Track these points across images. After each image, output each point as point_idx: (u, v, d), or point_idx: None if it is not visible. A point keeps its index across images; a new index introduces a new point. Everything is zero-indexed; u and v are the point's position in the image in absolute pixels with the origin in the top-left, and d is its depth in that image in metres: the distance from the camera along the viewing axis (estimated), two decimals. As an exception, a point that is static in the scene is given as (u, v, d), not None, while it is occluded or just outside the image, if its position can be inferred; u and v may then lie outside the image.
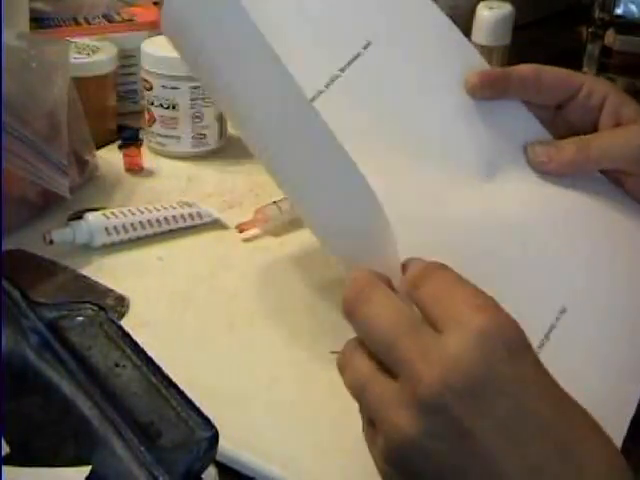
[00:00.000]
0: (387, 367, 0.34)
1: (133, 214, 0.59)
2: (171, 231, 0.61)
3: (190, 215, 0.61)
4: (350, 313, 0.36)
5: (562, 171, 0.54)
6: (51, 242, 0.56)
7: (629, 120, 0.54)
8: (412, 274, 0.37)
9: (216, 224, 0.62)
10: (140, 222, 0.59)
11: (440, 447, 0.32)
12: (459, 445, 0.32)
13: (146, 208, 0.60)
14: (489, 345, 0.32)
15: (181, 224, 0.61)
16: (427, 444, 0.32)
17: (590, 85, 0.55)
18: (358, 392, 0.35)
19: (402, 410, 0.32)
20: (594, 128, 0.55)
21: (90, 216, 0.58)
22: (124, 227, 0.58)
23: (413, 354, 0.33)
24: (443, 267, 0.36)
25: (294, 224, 0.63)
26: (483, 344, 0.32)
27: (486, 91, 0.54)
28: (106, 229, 0.58)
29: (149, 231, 0.60)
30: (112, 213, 0.59)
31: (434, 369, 0.32)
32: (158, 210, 0.60)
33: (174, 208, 0.61)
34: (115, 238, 0.58)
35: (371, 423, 0.35)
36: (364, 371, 0.35)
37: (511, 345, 0.33)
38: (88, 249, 0.58)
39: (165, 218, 0.60)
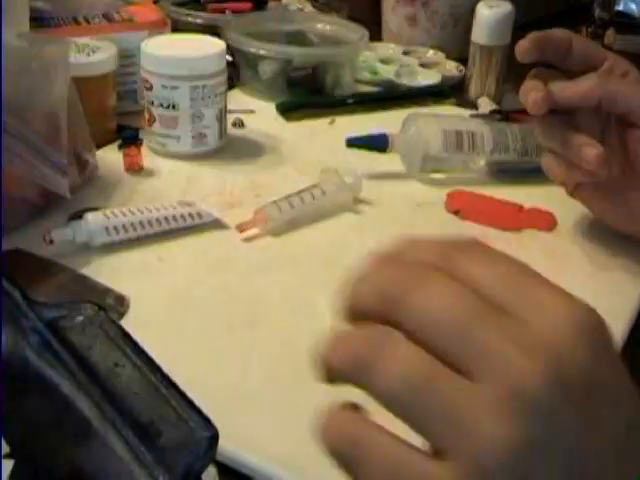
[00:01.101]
0: (455, 364, 0.26)
1: (133, 214, 0.59)
2: (171, 231, 0.61)
3: (190, 215, 0.61)
4: (398, 300, 0.27)
5: (576, 99, 0.55)
6: (51, 242, 0.56)
7: None
8: (439, 249, 0.28)
9: (216, 224, 0.62)
10: (140, 222, 0.59)
11: (546, 456, 0.25)
12: (567, 454, 0.25)
13: (146, 208, 0.60)
14: (590, 335, 0.26)
15: (181, 224, 0.61)
16: (529, 453, 0.24)
17: (613, 60, 0.58)
18: (409, 398, 0.26)
19: (493, 416, 0.24)
20: None
21: (90, 216, 0.58)
22: (124, 227, 0.58)
23: (502, 343, 0.25)
24: (481, 242, 0.30)
25: (294, 224, 0.63)
26: (584, 334, 0.26)
27: (533, 53, 0.56)
28: (106, 229, 0.58)
29: (149, 231, 0.60)
30: (112, 213, 0.59)
31: (536, 360, 0.25)
32: (158, 210, 0.60)
33: (174, 208, 0.61)
34: (115, 238, 0.58)
35: (436, 445, 0.26)
36: (421, 368, 0.26)
37: (607, 337, 0.28)
38: (88, 249, 0.58)
39: (165, 218, 0.60)
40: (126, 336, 0.35)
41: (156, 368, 0.34)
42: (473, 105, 0.90)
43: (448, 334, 0.26)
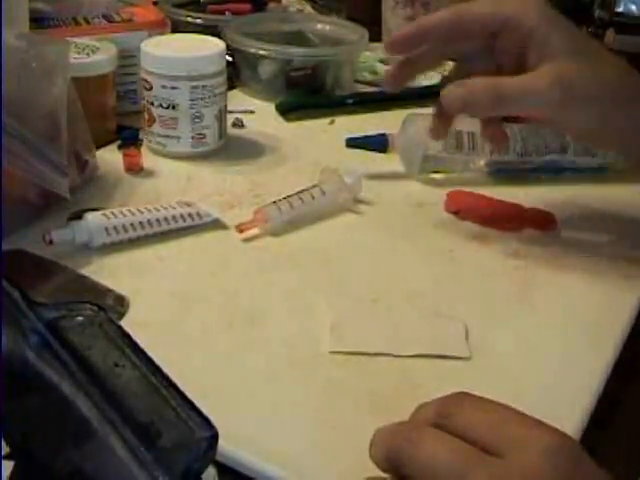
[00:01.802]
0: None
1: (133, 214, 0.59)
2: (171, 231, 0.61)
3: (190, 215, 0.61)
4: (403, 460, 0.35)
5: (477, 116, 0.57)
6: (51, 242, 0.56)
7: (551, 56, 0.53)
8: (437, 410, 0.36)
9: (216, 224, 0.62)
10: (140, 222, 0.59)
11: None
12: None
13: (146, 208, 0.60)
14: (560, 458, 0.32)
15: (181, 224, 0.61)
16: None
17: (517, 17, 0.54)
18: None
19: None
20: (524, 61, 0.55)
21: (90, 216, 0.58)
22: (124, 227, 0.58)
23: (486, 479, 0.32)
24: (464, 395, 0.37)
25: (294, 224, 0.63)
26: (555, 458, 0.32)
27: (404, 47, 0.56)
28: (106, 229, 0.58)
29: (149, 231, 0.60)
30: (112, 213, 0.59)
31: None
32: (158, 210, 0.60)
33: (174, 208, 0.61)
34: (115, 238, 0.58)
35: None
36: None
37: (578, 456, 0.33)
38: (88, 249, 0.58)
39: (165, 218, 0.60)
40: (126, 336, 0.35)
41: (156, 368, 0.34)
42: (473, 105, 0.90)
43: (441, 477, 0.33)
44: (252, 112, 0.84)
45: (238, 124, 0.80)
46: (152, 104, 0.71)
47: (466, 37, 0.57)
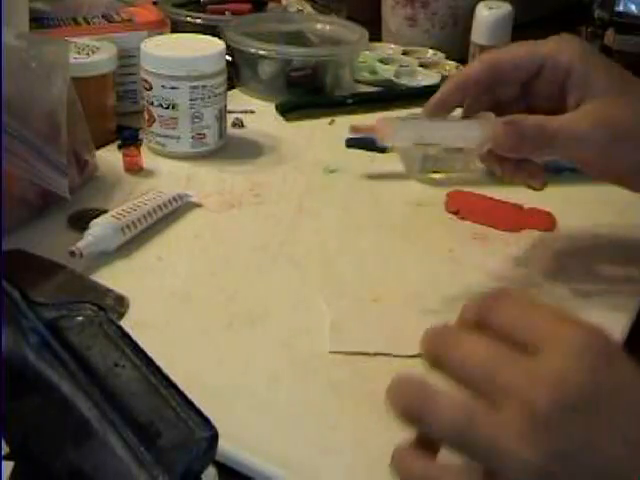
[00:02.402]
0: (488, 401, 0.33)
1: (135, 210, 0.60)
2: (169, 228, 0.61)
3: (174, 199, 0.63)
4: (440, 362, 0.35)
5: (520, 155, 0.53)
6: (81, 255, 0.55)
7: (591, 95, 0.52)
8: (479, 307, 0.36)
9: (216, 224, 0.63)
10: (143, 215, 0.60)
11: (569, 465, 0.31)
12: (586, 458, 0.31)
13: (140, 202, 0.61)
14: (591, 355, 0.32)
15: (170, 209, 0.63)
16: (554, 467, 0.31)
17: (554, 57, 0.53)
18: (459, 435, 0.33)
19: (521, 440, 0.31)
20: (562, 102, 0.53)
21: (104, 220, 0.58)
22: (133, 223, 0.59)
23: (517, 378, 0.32)
24: (506, 292, 0.37)
25: (296, 226, 0.63)
26: (585, 355, 0.32)
27: (443, 109, 0.55)
28: (122, 230, 0.58)
29: (150, 222, 0.60)
30: (119, 213, 0.59)
31: (544, 388, 0.31)
32: (150, 200, 0.62)
33: (159, 196, 0.63)
34: (128, 236, 0.58)
35: (483, 466, 0.33)
36: (464, 411, 0.33)
37: (609, 352, 0.33)
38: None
39: (158, 206, 0.62)
40: (126, 336, 0.35)
41: (156, 368, 0.34)
42: (473, 105, 0.90)
43: (480, 378, 0.33)
44: (252, 112, 0.84)
45: (238, 124, 0.80)
46: (152, 104, 0.71)
47: (504, 84, 0.55)
